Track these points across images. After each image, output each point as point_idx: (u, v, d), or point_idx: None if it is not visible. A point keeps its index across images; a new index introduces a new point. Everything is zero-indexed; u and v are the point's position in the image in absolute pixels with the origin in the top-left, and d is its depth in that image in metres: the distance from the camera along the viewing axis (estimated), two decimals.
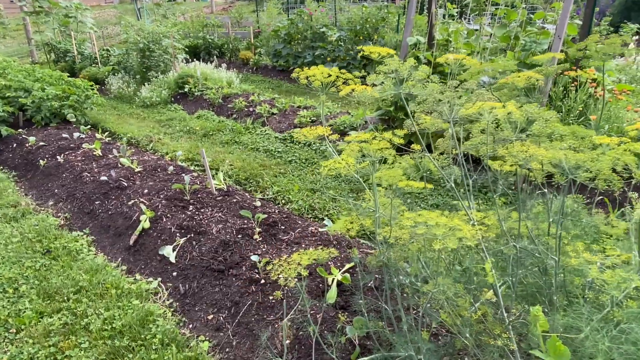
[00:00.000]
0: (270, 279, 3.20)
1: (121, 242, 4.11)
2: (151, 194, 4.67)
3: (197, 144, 7.07)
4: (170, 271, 3.58)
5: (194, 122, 8.31)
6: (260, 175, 5.58)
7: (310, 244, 3.63)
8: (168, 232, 3.96)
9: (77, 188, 5.21)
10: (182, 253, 3.69)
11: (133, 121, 8.84)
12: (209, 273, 3.42)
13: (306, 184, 5.35)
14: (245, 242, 3.70)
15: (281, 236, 3.78)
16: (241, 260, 3.47)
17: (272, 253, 3.53)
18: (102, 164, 5.68)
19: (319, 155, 6.23)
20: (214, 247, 3.65)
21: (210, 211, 4.24)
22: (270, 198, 5.03)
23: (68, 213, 4.81)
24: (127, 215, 4.35)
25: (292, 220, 4.07)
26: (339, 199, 4.88)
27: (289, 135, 6.90)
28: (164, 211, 4.27)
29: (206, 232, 3.88)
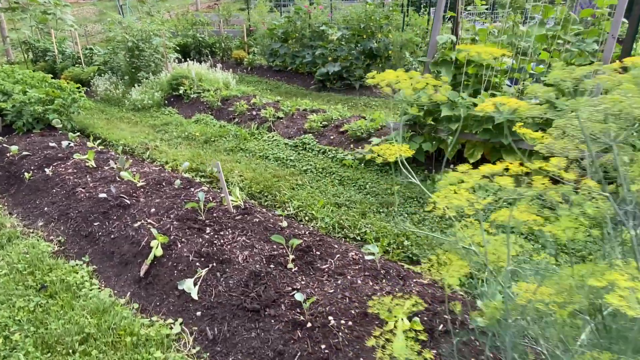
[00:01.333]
0: (318, 321, 2.70)
1: (129, 273, 3.55)
2: (159, 213, 4.11)
3: (199, 152, 6.51)
4: (193, 310, 3.04)
5: (193, 127, 7.72)
6: (275, 187, 5.06)
7: (355, 274, 3.14)
8: (185, 261, 3.41)
9: (71, 206, 4.60)
10: (205, 287, 3.16)
11: (124, 126, 8.19)
12: (241, 313, 2.90)
13: (328, 197, 4.86)
14: (279, 272, 3.19)
15: (319, 264, 3.29)
16: (278, 296, 2.96)
17: (314, 287, 3.03)
18: (97, 177, 5.08)
19: (336, 163, 5.74)
20: (243, 280, 3.13)
21: (232, 234, 3.71)
22: (291, 214, 4.52)
23: (62, 236, 4.21)
24: (133, 240, 3.79)
25: (327, 244, 3.58)
26: (369, 215, 4.41)
27: (300, 142, 6.39)
28: (178, 235, 3.72)
29: (231, 261, 3.35)
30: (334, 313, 2.75)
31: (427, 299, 2.88)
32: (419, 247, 3.80)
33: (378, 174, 5.32)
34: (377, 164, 5.51)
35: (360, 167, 5.52)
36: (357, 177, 5.25)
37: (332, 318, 2.71)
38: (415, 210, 4.51)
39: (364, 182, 5.12)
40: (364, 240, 4.05)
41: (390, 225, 4.21)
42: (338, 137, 6.42)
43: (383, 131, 6.22)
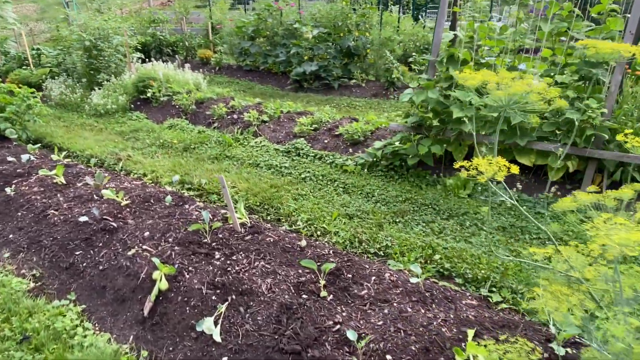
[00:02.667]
0: None
1: (128, 312, 3.02)
2: (155, 237, 3.58)
3: (180, 161, 5.93)
4: (218, 356, 2.59)
5: (167, 134, 7.09)
6: (276, 198, 4.63)
7: (400, 300, 2.81)
8: (197, 295, 2.94)
9: (43, 232, 3.95)
10: (228, 326, 2.71)
11: (88, 134, 7.41)
12: (279, 356, 2.48)
13: (336, 207, 4.50)
14: (312, 303, 2.79)
15: (355, 290, 2.92)
16: (319, 333, 2.57)
17: (358, 319, 2.66)
18: (70, 197, 4.42)
19: (336, 169, 5.38)
20: (273, 315, 2.71)
21: (246, 258, 3.27)
22: (300, 229, 4.12)
23: (36, 269, 3.57)
24: (129, 272, 3.25)
25: (357, 265, 3.22)
26: (386, 226, 4.09)
27: (293, 147, 5.97)
28: (182, 262, 3.23)
29: (253, 292, 2.91)
30: (391, 351, 2.40)
31: (487, 324, 2.59)
32: (450, 261, 3.53)
33: (384, 180, 5.02)
34: (380, 169, 5.21)
35: (364, 173, 5.19)
36: (362, 184, 4.92)
37: (391, 357, 2.36)
38: (432, 218, 4.24)
39: (371, 190, 4.80)
40: (387, 255, 3.73)
41: (407, 236, 3.92)
42: (332, 140, 6.06)
43: (379, 133, 5.94)
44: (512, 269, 3.38)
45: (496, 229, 4.04)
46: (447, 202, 4.45)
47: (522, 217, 4.18)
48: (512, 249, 3.72)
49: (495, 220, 4.14)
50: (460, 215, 4.25)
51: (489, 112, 4.34)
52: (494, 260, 3.51)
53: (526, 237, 3.89)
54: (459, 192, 4.57)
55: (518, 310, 3.00)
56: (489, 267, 3.41)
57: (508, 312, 2.95)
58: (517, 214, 4.22)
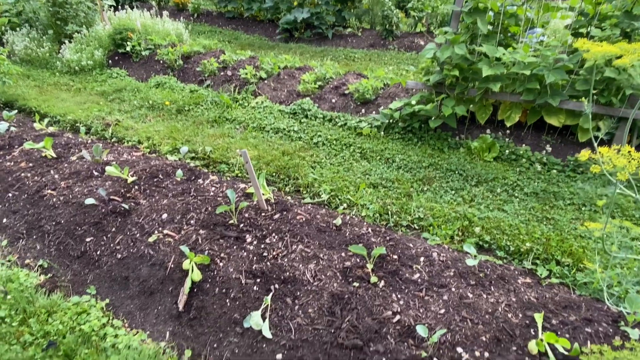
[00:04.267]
0: (446, 356, 2.21)
1: (159, 306, 2.78)
2: (175, 220, 3.27)
3: (176, 125, 5.47)
4: (270, 353, 2.41)
5: (156, 94, 6.51)
6: (291, 167, 4.33)
7: (458, 284, 2.66)
8: (236, 285, 2.71)
9: (42, 215, 3.56)
10: (277, 320, 2.51)
11: (65, 95, 6.73)
12: (339, 352, 2.32)
13: (357, 175, 4.24)
14: (365, 291, 2.61)
15: (406, 274, 2.75)
16: (379, 325, 2.40)
17: (418, 308, 2.50)
18: (66, 173, 3.99)
19: (350, 132, 5.06)
20: (325, 307, 2.53)
21: (280, 241, 3.02)
22: (323, 201, 3.88)
23: (43, 259, 3.23)
24: (153, 261, 2.96)
25: (402, 244, 3.03)
26: (414, 197, 3.89)
27: (299, 108, 5.57)
28: (212, 249, 2.96)
29: (297, 280, 2.70)
30: (460, 343, 2.27)
31: (550, 306, 2.49)
32: (489, 233, 3.39)
33: (402, 144, 4.76)
34: (397, 131, 4.93)
35: (380, 136, 4.91)
36: (380, 149, 4.66)
37: (462, 350, 2.24)
38: (460, 185, 4.06)
39: (390, 155, 4.55)
40: (421, 228, 3.56)
41: (438, 206, 3.74)
42: (340, 100, 5.68)
43: (390, 91, 5.59)
44: (554, 239, 3.27)
45: (528, 195, 3.90)
46: (474, 166, 4.26)
47: (553, 181, 4.05)
48: (548, 216, 3.61)
49: (526, 186, 4.00)
50: (490, 181, 4.08)
51: (520, 70, 4.06)
52: (533, 230, 3.39)
53: (560, 202, 3.78)
54: (484, 156, 4.38)
55: (567, 285, 2.92)
56: (530, 238, 3.30)
57: (558, 287, 2.87)
58: (548, 178, 4.09)
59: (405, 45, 8.69)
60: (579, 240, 3.31)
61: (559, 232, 3.38)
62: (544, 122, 4.48)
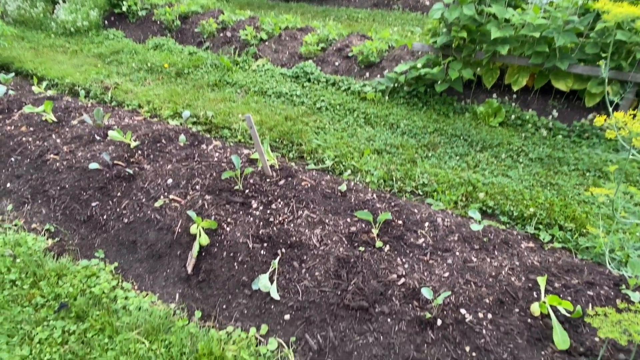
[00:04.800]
0: (449, 317, 2.27)
1: (167, 269, 2.82)
2: (180, 185, 3.27)
3: (176, 89, 5.38)
4: (277, 313, 2.47)
5: (154, 56, 6.36)
6: (294, 133, 4.29)
7: (462, 248, 2.69)
8: (244, 249, 2.74)
9: (46, 180, 3.56)
10: (284, 283, 2.56)
11: (62, 58, 6.58)
12: (345, 313, 2.39)
13: (361, 141, 4.22)
14: (370, 255, 2.65)
15: (411, 239, 2.78)
16: (384, 288, 2.46)
17: (422, 271, 2.55)
18: (67, 137, 3.95)
19: (354, 97, 4.98)
20: (331, 270, 2.57)
21: (286, 206, 3.04)
22: (327, 167, 3.87)
23: (49, 224, 3.26)
24: (160, 225, 2.99)
25: (407, 210, 3.05)
26: (418, 163, 3.88)
27: (301, 71, 5.45)
28: (219, 214, 2.97)
29: (303, 244, 2.74)
30: (464, 305, 2.32)
31: (553, 270, 2.54)
32: (493, 198, 3.40)
33: (407, 108, 4.70)
34: (402, 96, 4.85)
35: (384, 101, 4.83)
36: (384, 114, 4.60)
37: (465, 311, 2.29)
38: (465, 150, 4.04)
39: (395, 120, 4.50)
40: (425, 193, 3.57)
41: (443, 171, 3.74)
42: (344, 62, 5.56)
43: (395, 54, 5.45)
44: (557, 204, 3.29)
45: (533, 161, 3.89)
46: (479, 132, 4.23)
47: (558, 147, 4.03)
48: (552, 182, 3.62)
49: (531, 151, 3.98)
50: (495, 147, 4.06)
51: (530, 32, 3.94)
52: (537, 195, 3.41)
53: (564, 168, 3.77)
54: (489, 121, 4.33)
55: (569, 249, 2.96)
56: (534, 203, 3.31)
57: (560, 251, 2.91)
58: (553, 144, 4.06)
59: (410, 5, 8.41)
60: (582, 205, 3.33)
61: (562, 198, 3.40)
62: (551, 87, 4.40)
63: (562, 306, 2.17)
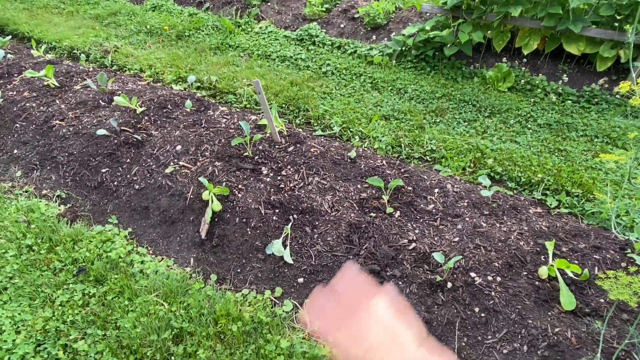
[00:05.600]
0: (459, 280, 2.34)
1: (181, 234, 2.87)
2: (190, 152, 3.26)
3: (178, 53, 5.26)
4: (291, 277, 2.54)
5: (153, 18, 6.17)
6: (300, 98, 4.24)
7: (471, 213, 2.73)
8: (256, 215, 2.78)
9: (53, 146, 3.54)
10: (297, 248, 2.62)
11: (57, 20, 6.38)
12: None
13: (368, 107, 4.18)
14: (381, 221, 2.69)
15: (421, 204, 2.82)
16: (395, 252, 2.51)
17: (432, 236, 2.60)
18: (72, 103, 3.90)
19: (360, 61, 4.89)
20: (344, 235, 2.62)
21: (296, 173, 3.05)
22: (335, 134, 3.85)
23: (60, 190, 3.28)
24: (172, 191, 3.01)
25: (416, 176, 3.07)
26: (426, 129, 3.86)
27: (306, 34, 5.32)
28: (230, 180, 2.99)
29: (315, 210, 2.77)
30: (474, 268, 2.39)
31: (560, 235, 2.59)
32: (501, 164, 3.42)
33: (415, 73, 4.63)
34: (410, 60, 4.76)
35: (392, 65, 4.75)
36: (392, 79, 4.53)
37: (475, 274, 2.36)
38: (473, 116, 4.02)
39: (402, 85, 4.44)
40: (433, 160, 3.58)
41: (451, 137, 3.74)
42: (350, 25, 5.41)
43: (402, 15, 5.30)
44: (565, 170, 3.32)
45: (541, 127, 3.88)
46: (488, 97, 4.19)
47: (567, 112, 4.01)
48: (560, 148, 3.62)
49: (540, 117, 3.96)
50: (503, 112, 4.03)
51: None
52: (545, 161, 3.42)
53: (573, 134, 3.77)
54: (498, 86, 4.28)
55: (576, 215, 3.01)
56: (541, 169, 3.33)
57: (567, 217, 2.96)
58: (562, 109, 4.04)
59: None
60: (589, 171, 3.36)
61: (570, 164, 3.41)
62: (561, 51, 4.32)
63: (570, 269, 2.24)
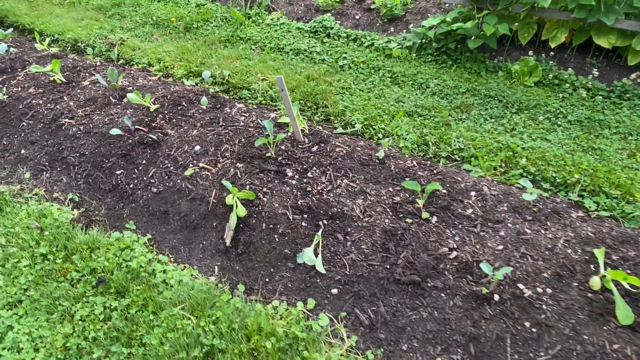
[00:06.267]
0: (507, 292, 2.20)
1: (204, 241, 2.72)
2: (209, 152, 3.10)
3: (186, 46, 5.06)
4: (324, 287, 2.39)
5: (159, 9, 5.95)
6: (318, 94, 4.07)
7: (513, 219, 2.58)
8: (283, 220, 2.63)
9: (64, 146, 3.37)
10: (329, 256, 2.47)
11: (59, 11, 6.15)
12: (395, 287, 2.31)
13: (390, 103, 4.01)
14: (417, 227, 2.54)
15: (459, 209, 2.67)
16: (435, 261, 2.37)
17: (474, 243, 2.45)
18: (80, 100, 3.72)
19: (378, 54, 4.70)
20: (378, 242, 2.47)
21: (323, 175, 2.89)
22: (357, 132, 3.69)
23: (72, 193, 3.11)
24: (193, 195, 2.85)
25: (450, 177, 2.91)
26: (452, 126, 3.70)
27: (320, 25, 5.12)
28: (253, 183, 2.83)
29: (346, 216, 2.62)
30: (522, 279, 2.25)
31: (608, 241, 2.45)
32: (534, 164, 3.27)
33: (436, 67, 4.45)
34: (430, 53, 4.58)
35: (411, 58, 4.57)
36: (412, 73, 4.35)
37: (523, 286, 2.22)
38: (500, 112, 3.86)
39: (424, 79, 4.26)
40: (462, 159, 3.43)
41: (479, 135, 3.58)
42: (365, 16, 5.22)
43: (420, 6, 5.11)
44: (601, 170, 3.17)
45: (572, 123, 3.73)
46: (514, 92, 4.02)
47: (597, 108, 3.85)
48: (594, 146, 3.47)
49: (570, 113, 3.80)
50: (531, 109, 3.87)
51: None
52: (579, 161, 3.27)
53: (605, 131, 3.62)
54: (524, 80, 4.11)
55: (616, 218, 2.87)
56: (577, 169, 3.19)
57: (609, 221, 2.82)
58: (592, 105, 3.88)
59: None
60: (626, 171, 3.21)
61: (605, 163, 3.27)
62: (589, 43, 4.15)
63: (628, 282, 2.10)
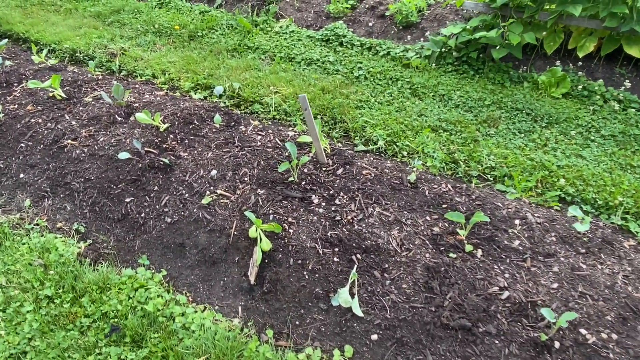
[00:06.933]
0: (568, 338, 1.99)
1: (225, 277, 2.48)
2: (227, 177, 2.86)
3: (192, 56, 4.81)
4: (362, 332, 2.17)
5: (160, 16, 5.70)
6: (335, 107, 3.84)
7: (565, 252, 2.37)
8: (313, 255, 2.40)
9: (67, 170, 3.12)
10: (367, 297, 2.25)
11: (55, 18, 5.87)
12: (443, 333, 2.09)
13: (412, 117, 3.79)
14: (462, 262, 2.32)
15: (505, 241, 2.45)
16: (487, 303, 2.15)
17: (525, 281, 2.24)
18: (83, 118, 3.46)
19: (395, 63, 4.48)
20: (421, 281, 2.25)
21: (352, 202, 2.67)
22: (379, 148, 3.47)
23: (77, 222, 2.86)
24: (211, 226, 2.61)
25: (489, 202, 2.70)
26: (481, 142, 3.49)
27: (332, 33, 4.89)
28: (277, 212, 2.60)
29: (381, 249, 2.40)
30: (583, 323, 2.03)
31: None
32: (572, 184, 3.06)
33: (457, 77, 4.24)
34: (450, 62, 4.36)
35: (430, 68, 4.35)
36: (433, 84, 4.14)
37: (585, 331, 2.01)
38: (529, 126, 3.65)
39: (446, 91, 4.05)
40: (494, 178, 3.21)
41: (509, 152, 3.37)
42: (379, 23, 4.99)
43: (436, 13, 4.90)
44: None
45: (606, 138, 3.53)
46: (542, 104, 3.82)
47: (631, 122, 3.66)
48: (633, 164, 3.28)
49: (603, 128, 3.61)
50: (562, 122, 3.67)
51: None
52: (620, 180, 3.07)
53: None
54: (551, 91, 3.91)
55: None
56: (618, 190, 2.99)
57: None
58: (626, 119, 3.69)
59: None
60: None
61: None
62: (617, 53, 3.96)
63: None
